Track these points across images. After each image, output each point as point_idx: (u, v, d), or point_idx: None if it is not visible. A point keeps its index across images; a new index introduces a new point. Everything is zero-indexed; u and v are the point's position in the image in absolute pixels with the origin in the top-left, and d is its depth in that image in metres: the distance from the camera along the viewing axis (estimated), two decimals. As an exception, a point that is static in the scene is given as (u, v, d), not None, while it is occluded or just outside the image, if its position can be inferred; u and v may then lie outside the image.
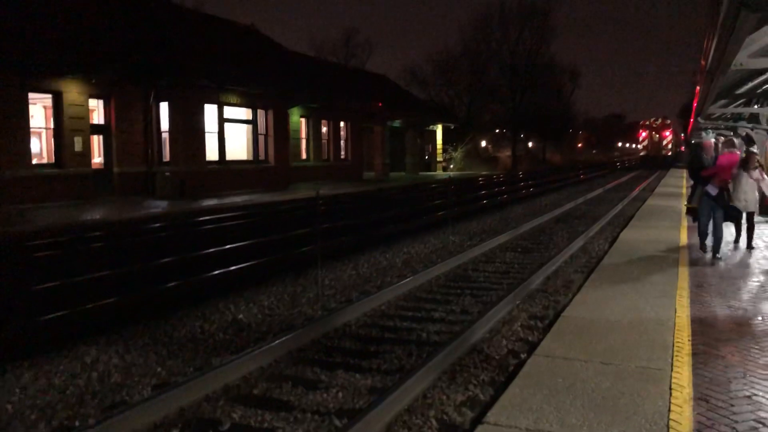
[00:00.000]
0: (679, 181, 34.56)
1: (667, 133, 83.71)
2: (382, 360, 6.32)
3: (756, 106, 18.25)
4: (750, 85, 14.79)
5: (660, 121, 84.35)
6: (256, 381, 5.77)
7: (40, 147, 22.68)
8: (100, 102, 23.14)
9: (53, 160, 21.32)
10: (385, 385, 5.57)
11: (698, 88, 13.60)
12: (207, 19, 31.13)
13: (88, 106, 22.10)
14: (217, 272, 10.32)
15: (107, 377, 6.05)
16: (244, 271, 10.62)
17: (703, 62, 8.26)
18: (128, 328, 7.59)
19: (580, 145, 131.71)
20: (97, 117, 23.29)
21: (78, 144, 21.40)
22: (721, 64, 6.47)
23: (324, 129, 35.36)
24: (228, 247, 12.62)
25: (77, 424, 4.94)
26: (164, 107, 24.30)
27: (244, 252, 12.20)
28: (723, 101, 16.63)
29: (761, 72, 13.43)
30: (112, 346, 6.96)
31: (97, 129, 22.93)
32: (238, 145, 27.29)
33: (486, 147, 76.86)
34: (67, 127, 21.13)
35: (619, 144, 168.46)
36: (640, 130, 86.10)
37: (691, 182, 9.81)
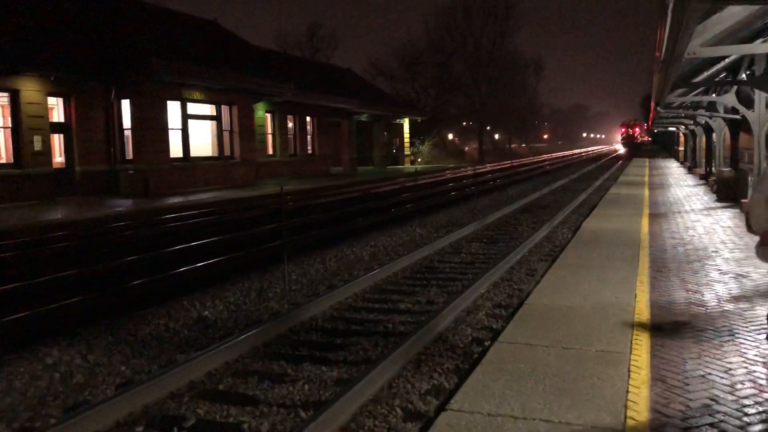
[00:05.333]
0: (641, 170, 35.18)
1: (638, 129, 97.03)
2: (348, 352, 6.35)
3: (713, 95, 18.65)
4: (706, 74, 15.12)
5: (634, 120, 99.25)
6: (221, 376, 5.75)
7: (-2, 147, 22.21)
8: (60, 100, 22.73)
9: (12, 160, 20.87)
10: (351, 377, 5.59)
11: (655, 77, 13.86)
12: (168, 14, 30.71)
13: (47, 104, 21.69)
14: (181, 270, 10.23)
15: (70, 378, 5.96)
16: (209, 268, 10.54)
17: (657, 53, 8.45)
18: (91, 329, 7.49)
19: (545, 136, 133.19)
20: (57, 115, 22.88)
21: (37, 143, 20.99)
22: (674, 54, 6.63)
23: (290, 124, 35.22)
24: (193, 244, 12.52)
25: (38, 425, 4.88)
26: (126, 104, 23.96)
27: (210, 249, 12.12)
28: (681, 90, 16.97)
29: (717, 61, 13.75)
30: (74, 346, 6.86)
31: (57, 128, 22.52)
32: (203, 142, 27.03)
33: (453, 140, 77.26)
34: (25, 126, 20.70)
35: (584, 134, 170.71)
36: (621, 128, 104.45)
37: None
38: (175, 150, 24.91)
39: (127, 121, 24.07)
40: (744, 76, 14.51)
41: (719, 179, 17.90)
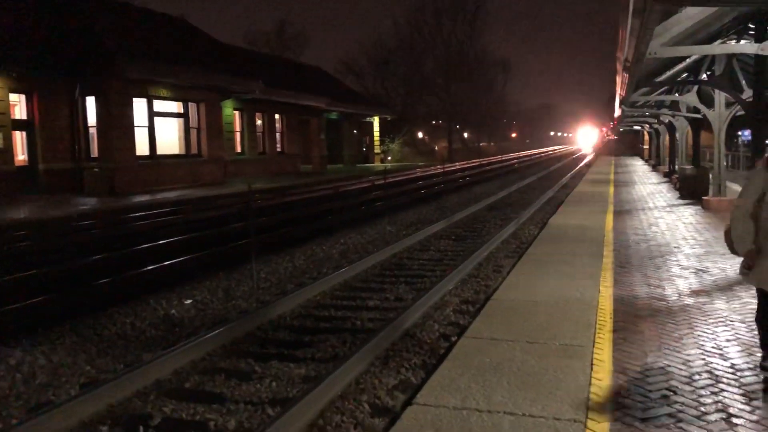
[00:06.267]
0: (607, 168, 35.74)
1: (604, 129, 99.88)
2: (317, 349, 6.36)
3: (676, 94, 19.05)
4: (669, 73, 15.46)
5: (601, 120, 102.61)
6: (188, 375, 5.72)
7: (-42, 144, 21.67)
8: (22, 97, 22.27)
9: (-28, 158, 20.41)
10: (318, 374, 5.61)
11: (618, 77, 14.12)
12: (134, 11, 30.22)
13: (8, 101, 21.24)
14: (148, 269, 10.12)
15: (33, 378, 5.88)
16: (176, 268, 10.45)
17: (619, 53, 8.62)
18: (55, 329, 7.37)
19: (514, 135, 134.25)
20: (20, 112, 22.40)
21: (-1, 140, 20.55)
22: (636, 54, 6.78)
23: (259, 122, 34.98)
24: (159, 243, 12.39)
25: (0, 426, 4.80)
26: (91, 101, 23.56)
27: (176, 248, 12.00)
28: (644, 89, 17.30)
29: (678, 61, 14.06)
30: (37, 347, 6.75)
31: (19, 125, 22.08)
32: (170, 140, 26.70)
33: (423, 138, 77.54)
34: (-14, 123, 20.24)
35: (552, 133, 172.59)
36: (590, 127, 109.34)
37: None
38: (142, 148, 24.57)
39: (92, 119, 23.67)
40: (705, 76, 14.87)
41: (682, 177, 18.29)
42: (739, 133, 34.88)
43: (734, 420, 3.92)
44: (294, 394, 5.19)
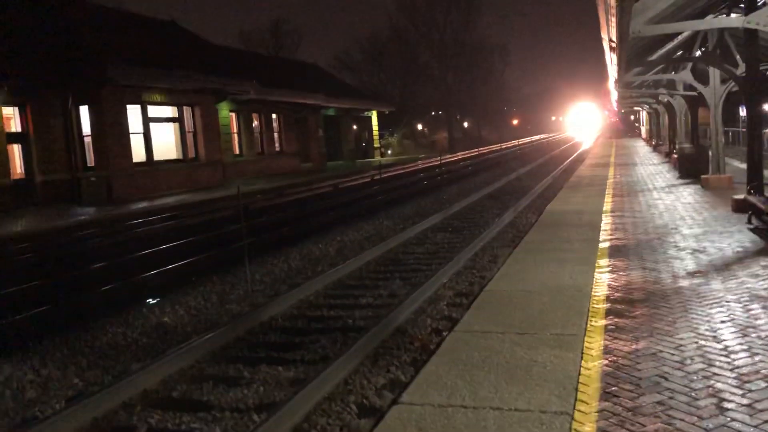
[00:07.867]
0: (608, 150, 35.52)
1: (608, 112, 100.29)
2: (306, 351, 6.27)
3: (672, 73, 18.83)
4: (661, 51, 15.25)
5: (604, 104, 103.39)
6: (175, 383, 5.65)
7: (-47, 160, 21.65)
8: (16, 109, 22.21)
9: (-32, 173, 20.39)
10: (307, 376, 5.52)
11: (606, 57, 13.94)
12: (125, 16, 30.15)
13: (2, 114, 21.18)
14: (141, 276, 10.05)
15: (22, 393, 5.82)
16: (170, 273, 10.37)
17: (603, 33, 8.49)
18: (45, 341, 7.31)
19: (515, 122, 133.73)
20: (15, 125, 22.35)
21: (-7, 154, 20.50)
22: (619, 33, 6.63)
23: (255, 122, 34.86)
24: (156, 249, 12.31)
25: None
26: (84, 111, 23.49)
27: (172, 254, 11.92)
28: (638, 69, 17.09)
29: (670, 38, 13.86)
30: (27, 361, 6.69)
31: (14, 137, 22.03)
32: (166, 145, 26.65)
33: (423, 130, 77.30)
34: (-20, 137, 20.19)
35: (553, 118, 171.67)
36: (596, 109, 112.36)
37: None
38: (138, 154, 24.51)
39: (86, 128, 23.60)
40: (699, 52, 14.67)
41: (680, 156, 18.11)
42: (742, 109, 34.54)
43: (725, 405, 3.81)
44: (281, 398, 5.10)
